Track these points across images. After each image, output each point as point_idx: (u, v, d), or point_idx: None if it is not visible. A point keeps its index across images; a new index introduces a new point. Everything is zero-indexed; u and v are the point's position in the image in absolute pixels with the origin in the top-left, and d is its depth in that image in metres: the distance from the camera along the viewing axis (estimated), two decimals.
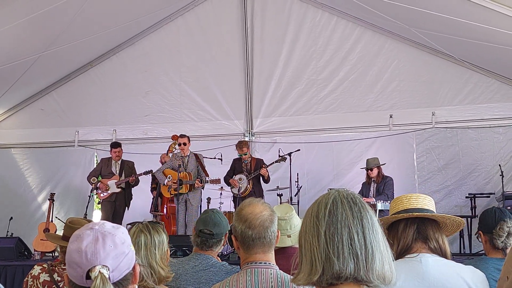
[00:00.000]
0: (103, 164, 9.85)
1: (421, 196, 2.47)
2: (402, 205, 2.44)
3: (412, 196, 2.47)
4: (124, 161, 9.89)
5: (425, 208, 2.41)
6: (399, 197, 2.51)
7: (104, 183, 9.63)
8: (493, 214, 3.39)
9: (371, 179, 8.85)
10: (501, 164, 9.05)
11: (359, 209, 1.46)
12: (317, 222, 1.45)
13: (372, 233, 1.43)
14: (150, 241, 2.78)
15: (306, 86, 10.27)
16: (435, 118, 9.67)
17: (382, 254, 1.43)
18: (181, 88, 10.70)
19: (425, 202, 2.45)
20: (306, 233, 1.48)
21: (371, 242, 1.42)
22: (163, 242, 2.85)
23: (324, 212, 1.45)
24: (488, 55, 8.81)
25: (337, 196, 1.48)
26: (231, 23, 10.46)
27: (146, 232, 2.80)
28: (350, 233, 1.41)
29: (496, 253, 3.39)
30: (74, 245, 1.54)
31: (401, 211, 2.42)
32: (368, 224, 1.44)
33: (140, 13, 9.81)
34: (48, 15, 8.02)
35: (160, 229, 2.88)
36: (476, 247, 8.36)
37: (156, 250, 2.79)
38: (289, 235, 3.31)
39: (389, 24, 9.44)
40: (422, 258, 2.29)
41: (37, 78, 10.33)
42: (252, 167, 9.29)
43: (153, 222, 2.92)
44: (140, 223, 2.90)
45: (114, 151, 9.73)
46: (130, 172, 9.71)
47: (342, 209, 1.45)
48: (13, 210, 10.32)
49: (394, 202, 2.50)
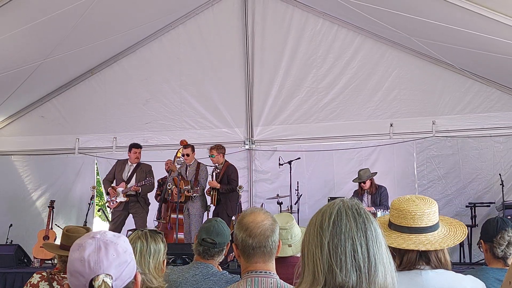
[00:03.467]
0: (117, 167, 9.41)
1: (425, 207, 2.32)
2: (406, 220, 2.31)
3: (416, 212, 2.29)
4: (140, 164, 9.33)
5: (429, 225, 2.34)
6: (401, 207, 2.34)
7: (114, 189, 9.19)
8: (495, 223, 3.40)
9: (364, 190, 8.86)
10: (502, 173, 9.05)
11: (364, 221, 1.45)
12: (321, 232, 1.44)
13: (375, 245, 1.42)
14: (145, 248, 2.78)
15: (307, 95, 10.27)
16: (435, 127, 9.68)
17: (385, 266, 1.43)
18: (182, 96, 10.71)
19: (430, 217, 2.32)
20: (309, 242, 1.47)
21: (374, 254, 1.41)
22: (159, 252, 2.84)
23: (328, 223, 1.44)
24: (488, 64, 8.82)
25: (341, 206, 1.47)
26: (232, 31, 10.48)
27: (143, 239, 2.80)
28: (353, 245, 1.41)
29: (497, 263, 3.38)
30: (76, 254, 1.53)
31: (404, 227, 2.31)
32: (372, 236, 1.43)
33: (141, 21, 9.83)
34: (49, 23, 8.03)
35: (158, 239, 2.87)
36: (476, 256, 8.35)
37: (151, 258, 2.78)
38: (290, 244, 3.31)
39: (390, 33, 9.46)
40: (423, 270, 2.28)
41: (38, 86, 10.33)
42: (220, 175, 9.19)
43: (153, 231, 2.92)
44: (140, 230, 2.90)
45: (135, 152, 9.22)
46: (144, 177, 9.12)
47: (347, 220, 1.44)
48: (13, 217, 10.31)
49: (396, 210, 2.35)
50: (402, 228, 2.32)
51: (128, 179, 9.19)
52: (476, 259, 8.29)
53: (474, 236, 8.12)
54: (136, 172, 9.23)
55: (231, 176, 9.13)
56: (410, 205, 2.32)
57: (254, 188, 10.52)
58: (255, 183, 10.54)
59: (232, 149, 10.37)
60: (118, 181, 9.27)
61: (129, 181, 9.17)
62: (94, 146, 10.95)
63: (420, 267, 2.26)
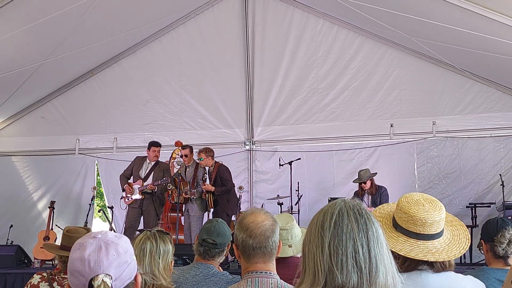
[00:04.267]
0: (135, 164, 9.25)
1: (435, 214, 2.26)
2: (414, 227, 2.24)
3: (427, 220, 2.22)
4: (159, 162, 9.19)
5: (437, 232, 2.27)
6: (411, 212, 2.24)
7: (130, 185, 9.07)
8: (495, 223, 3.40)
9: (365, 191, 8.86)
10: (502, 173, 9.05)
11: (365, 221, 1.44)
12: (322, 232, 1.44)
13: (377, 246, 1.42)
14: (155, 249, 2.80)
15: (307, 95, 10.27)
16: (436, 127, 9.68)
17: (386, 267, 1.42)
18: (182, 96, 10.70)
19: (439, 224, 2.27)
20: (310, 242, 1.46)
21: (375, 255, 1.41)
22: (168, 253, 2.86)
23: (330, 223, 1.44)
24: (489, 64, 8.82)
25: (343, 206, 1.47)
26: (232, 31, 10.48)
27: (152, 240, 2.82)
28: (355, 246, 1.40)
29: (498, 263, 3.38)
30: (77, 254, 1.54)
31: (412, 233, 2.25)
32: (373, 237, 1.43)
33: (141, 22, 9.84)
34: (50, 24, 8.03)
35: (167, 239, 2.89)
36: (476, 257, 8.33)
37: (160, 259, 2.80)
38: (290, 245, 3.30)
39: (390, 34, 9.46)
40: (423, 271, 2.27)
41: (38, 86, 10.33)
42: (212, 177, 9.17)
43: (161, 232, 2.94)
44: (149, 231, 2.91)
45: (154, 150, 9.08)
46: (161, 175, 8.96)
47: (348, 220, 1.43)
48: (13, 218, 10.30)
49: (405, 214, 2.26)
50: (410, 233, 2.27)
51: (145, 177, 9.10)
52: (476, 260, 8.28)
53: (475, 237, 8.08)
54: (154, 170, 9.12)
55: (223, 176, 9.10)
56: (420, 210, 2.26)
57: (255, 188, 10.51)
58: (255, 183, 10.54)
59: (233, 149, 10.38)
60: (135, 178, 9.16)
61: (146, 179, 9.07)
62: (95, 147, 10.94)
63: (421, 268, 2.25)
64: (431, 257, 2.21)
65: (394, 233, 2.30)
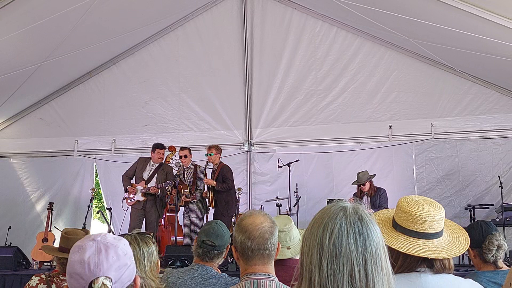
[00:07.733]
0: (138, 164, 9.26)
1: (435, 213, 2.28)
2: (414, 225, 2.26)
3: (427, 218, 2.25)
4: (162, 164, 9.23)
5: (437, 231, 2.28)
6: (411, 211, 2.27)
7: (134, 187, 9.09)
8: (480, 228, 3.38)
9: (363, 193, 8.86)
10: (500, 175, 9.03)
11: (364, 241, 1.41)
12: (321, 251, 1.41)
13: (375, 268, 1.40)
14: (139, 253, 2.78)
15: (306, 97, 10.27)
16: (434, 129, 9.68)
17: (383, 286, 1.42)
18: (180, 98, 10.70)
19: (439, 223, 2.29)
20: (308, 255, 1.45)
21: (373, 278, 1.39)
22: (152, 253, 2.84)
23: (329, 242, 1.41)
24: (487, 66, 8.84)
25: (343, 222, 1.43)
26: (231, 33, 10.48)
27: (134, 244, 2.79)
28: (352, 271, 1.38)
29: (488, 266, 3.38)
30: (76, 256, 1.53)
31: (412, 232, 2.27)
32: (371, 258, 1.41)
33: (139, 24, 9.83)
34: (48, 25, 8.02)
35: (149, 241, 2.87)
36: None
37: (146, 261, 2.79)
38: (288, 246, 3.30)
39: (389, 35, 9.46)
40: (422, 273, 2.26)
41: (37, 88, 10.32)
42: (215, 175, 9.18)
43: (141, 234, 2.92)
44: (129, 234, 2.89)
45: (159, 152, 9.11)
46: (165, 178, 8.98)
47: (347, 241, 1.40)
48: (12, 220, 10.29)
49: (405, 213, 2.29)
50: (410, 232, 2.28)
51: (148, 179, 9.11)
52: None
53: None
54: (157, 172, 9.14)
55: (226, 175, 9.13)
56: (420, 209, 2.28)
57: (253, 190, 10.51)
58: (254, 185, 10.54)
59: (231, 151, 10.38)
60: (138, 179, 9.16)
61: (150, 181, 9.09)
62: (93, 148, 10.93)
63: (420, 270, 2.25)
64: (431, 255, 2.21)
65: (393, 233, 2.30)
